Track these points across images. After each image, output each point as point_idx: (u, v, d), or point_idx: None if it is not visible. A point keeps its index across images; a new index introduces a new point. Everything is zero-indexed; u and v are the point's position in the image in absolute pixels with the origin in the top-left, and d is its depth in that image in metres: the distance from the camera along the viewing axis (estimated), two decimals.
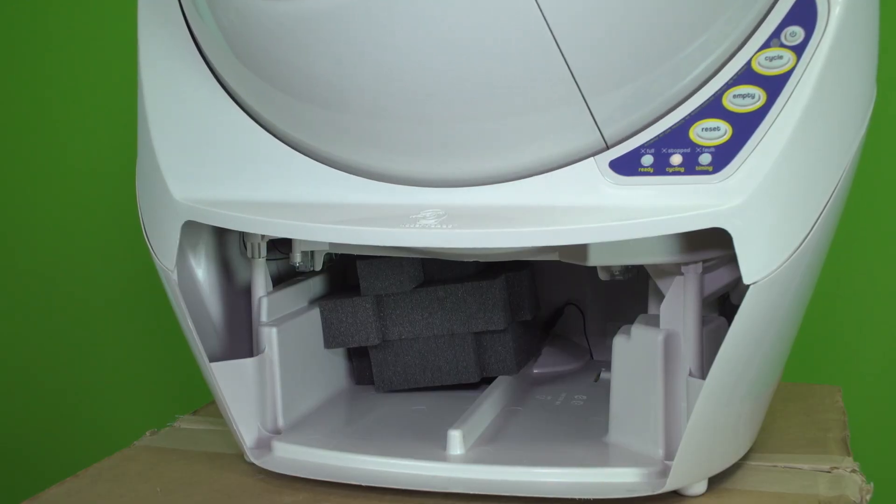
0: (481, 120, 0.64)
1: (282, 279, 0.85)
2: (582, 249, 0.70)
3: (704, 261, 0.70)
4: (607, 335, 0.95)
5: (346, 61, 0.63)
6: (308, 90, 0.66)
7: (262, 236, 0.79)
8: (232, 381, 0.76)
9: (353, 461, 0.74)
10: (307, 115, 0.68)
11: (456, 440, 0.74)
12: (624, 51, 0.62)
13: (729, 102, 0.64)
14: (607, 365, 0.79)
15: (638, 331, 0.72)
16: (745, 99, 0.64)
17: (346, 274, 0.91)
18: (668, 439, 0.71)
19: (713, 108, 0.65)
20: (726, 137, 0.64)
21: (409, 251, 0.76)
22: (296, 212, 0.68)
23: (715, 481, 0.71)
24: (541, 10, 0.59)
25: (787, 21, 0.65)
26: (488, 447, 0.75)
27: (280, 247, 0.83)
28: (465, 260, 0.79)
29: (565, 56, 0.61)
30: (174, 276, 0.73)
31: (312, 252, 0.82)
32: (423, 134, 0.65)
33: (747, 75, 0.65)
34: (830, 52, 0.64)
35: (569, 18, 0.60)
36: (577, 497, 0.68)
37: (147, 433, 0.86)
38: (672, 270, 0.70)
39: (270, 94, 0.69)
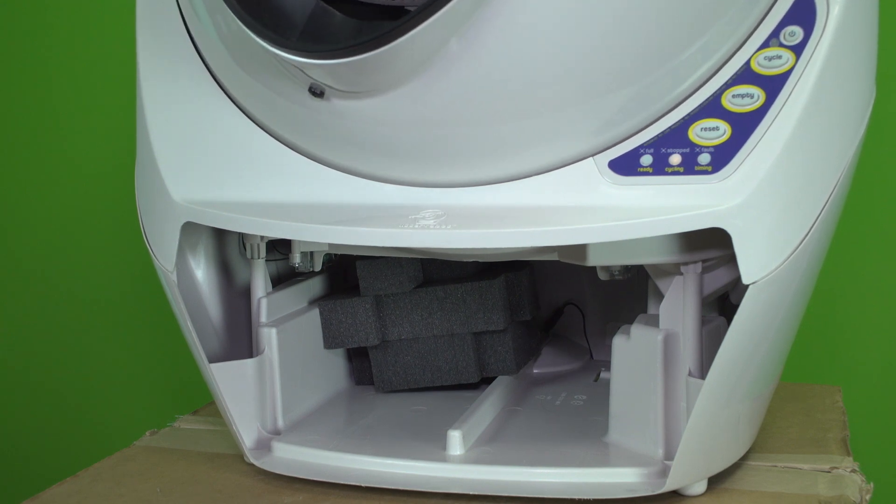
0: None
1: (281, 280, 0.85)
2: (581, 249, 0.70)
3: (704, 261, 0.70)
4: (607, 335, 0.95)
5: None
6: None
7: (262, 237, 0.79)
8: (231, 381, 0.76)
9: (352, 462, 0.74)
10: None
11: (456, 440, 0.74)
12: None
13: (728, 102, 0.64)
14: (607, 365, 0.79)
15: (637, 331, 0.72)
16: (745, 99, 0.64)
17: (345, 274, 0.91)
18: (667, 439, 0.71)
19: (712, 107, 0.65)
20: (725, 137, 0.64)
21: (408, 251, 0.76)
22: (295, 212, 0.68)
23: (715, 481, 0.71)
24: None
25: (787, 21, 0.65)
26: (488, 447, 0.75)
27: (279, 247, 0.83)
28: (465, 260, 0.79)
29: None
30: (174, 277, 0.73)
31: (312, 252, 0.82)
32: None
33: (746, 75, 0.65)
34: (829, 51, 0.64)
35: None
36: (576, 497, 0.68)
37: (147, 433, 0.86)
38: (671, 270, 0.70)
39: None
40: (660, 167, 0.64)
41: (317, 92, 0.64)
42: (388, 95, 0.63)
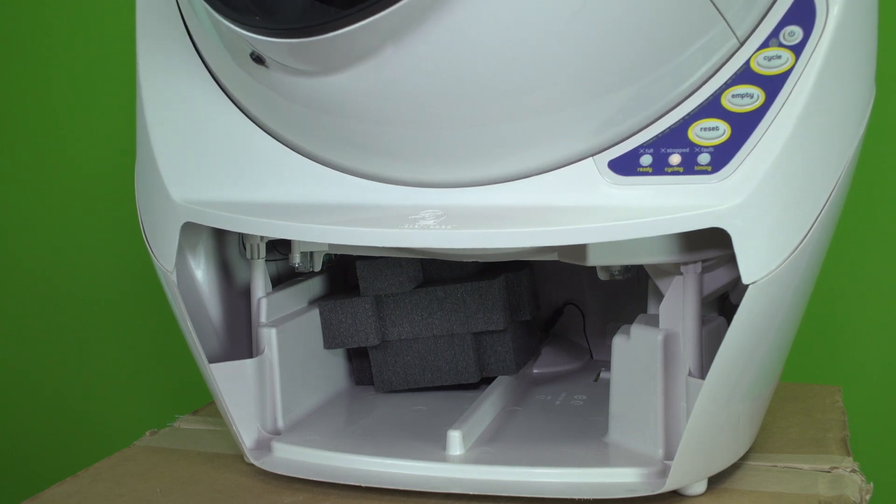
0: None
1: (281, 280, 0.85)
2: (581, 249, 0.70)
3: (703, 260, 0.70)
4: (607, 335, 0.95)
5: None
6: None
7: (262, 237, 0.79)
8: (231, 381, 0.76)
9: (352, 462, 0.74)
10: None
11: (456, 440, 0.74)
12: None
13: (728, 102, 0.64)
14: (607, 365, 0.79)
15: (637, 331, 0.72)
16: (744, 98, 0.64)
17: (345, 274, 0.91)
18: (667, 439, 0.71)
19: (712, 107, 0.65)
20: (725, 137, 0.64)
21: (408, 252, 0.76)
22: (294, 213, 0.68)
23: (714, 481, 0.71)
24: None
25: (786, 21, 0.65)
26: (488, 447, 0.75)
27: (279, 248, 0.83)
28: (465, 260, 0.79)
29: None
30: (173, 278, 0.73)
31: (312, 253, 0.82)
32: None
33: (746, 75, 0.65)
34: (829, 51, 0.64)
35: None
36: (577, 497, 0.68)
37: (147, 433, 0.86)
38: (671, 270, 0.70)
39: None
40: (659, 167, 0.64)
41: (257, 59, 0.64)
42: (344, 77, 0.62)
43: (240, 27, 0.61)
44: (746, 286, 0.62)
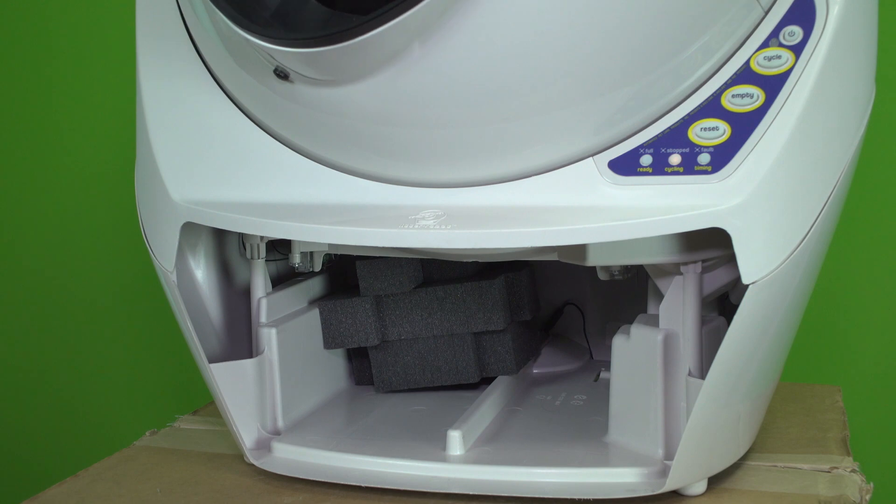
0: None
1: (281, 280, 0.85)
2: (581, 249, 0.70)
3: (703, 260, 0.70)
4: (607, 335, 0.95)
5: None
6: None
7: (261, 237, 0.79)
8: (231, 382, 0.76)
9: (352, 462, 0.74)
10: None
11: (455, 440, 0.74)
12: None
13: (728, 102, 0.64)
14: (607, 365, 0.79)
15: (637, 331, 0.72)
16: (744, 99, 0.64)
17: (345, 274, 0.91)
18: (667, 439, 0.71)
19: (712, 107, 0.65)
20: (725, 137, 0.64)
21: (408, 252, 0.76)
22: (294, 213, 0.68)
23: (714, 481, 0.71)
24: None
25: (786, 21, 0.65)
26: (488, 447, 0.75)
27: (279, 247, 0.83)
28: (465, 260, 0.79)
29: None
30: (173, 278, 0.73)
31: (311, 253, 0.82)
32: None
33: (746, 75, 0.65)
34: (829, 51, 0.64)
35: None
36: (577, 497, 0.68)
37: (147, 433, 0.86)
38: (671, 270, 0.70)
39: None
40: (659, 167, 0.64)
41: (281, 74, 0.64)
42: (364, 85, 0.63)
43: (264, 40, 0.61)
44: (746, 286, 0.62)
